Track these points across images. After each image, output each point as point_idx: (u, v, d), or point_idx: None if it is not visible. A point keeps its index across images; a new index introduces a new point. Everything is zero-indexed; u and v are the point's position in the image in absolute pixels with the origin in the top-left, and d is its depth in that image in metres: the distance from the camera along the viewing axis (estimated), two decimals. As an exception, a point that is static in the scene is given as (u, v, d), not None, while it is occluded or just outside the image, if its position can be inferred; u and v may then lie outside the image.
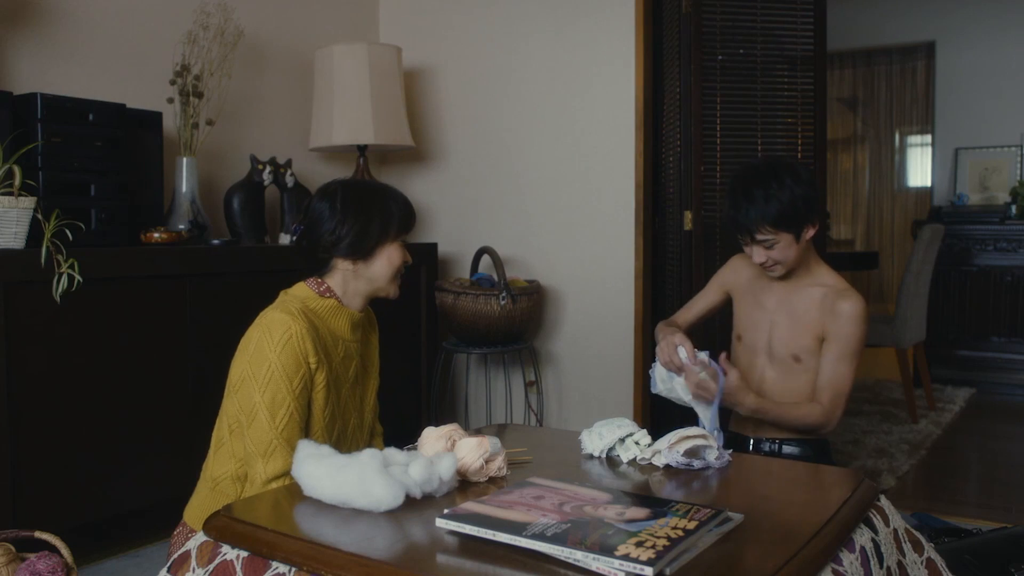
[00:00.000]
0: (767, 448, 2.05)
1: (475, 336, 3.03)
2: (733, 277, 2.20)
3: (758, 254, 1.97)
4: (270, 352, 1.58)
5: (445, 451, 1.37)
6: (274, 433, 1.57)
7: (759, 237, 1.93)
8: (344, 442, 1.77)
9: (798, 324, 2.01)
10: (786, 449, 2.03)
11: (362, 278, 1.75)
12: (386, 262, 1.75)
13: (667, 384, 1.96)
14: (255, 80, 3.22)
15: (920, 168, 6.24)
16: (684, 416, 3.11)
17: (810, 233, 1.95)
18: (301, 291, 1.74)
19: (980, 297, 5.10)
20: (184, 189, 2.70)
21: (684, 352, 1.91)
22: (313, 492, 1.27)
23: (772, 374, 2.05)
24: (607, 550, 0.99)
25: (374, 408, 1.90)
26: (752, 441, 2.08)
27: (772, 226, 1.90)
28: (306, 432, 1.64)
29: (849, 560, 1.16)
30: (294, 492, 1.32)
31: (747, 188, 1.92)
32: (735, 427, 2.16)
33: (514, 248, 3.41)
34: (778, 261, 1.96)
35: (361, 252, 1.72)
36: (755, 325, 2.09)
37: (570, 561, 1.01)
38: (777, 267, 1.99)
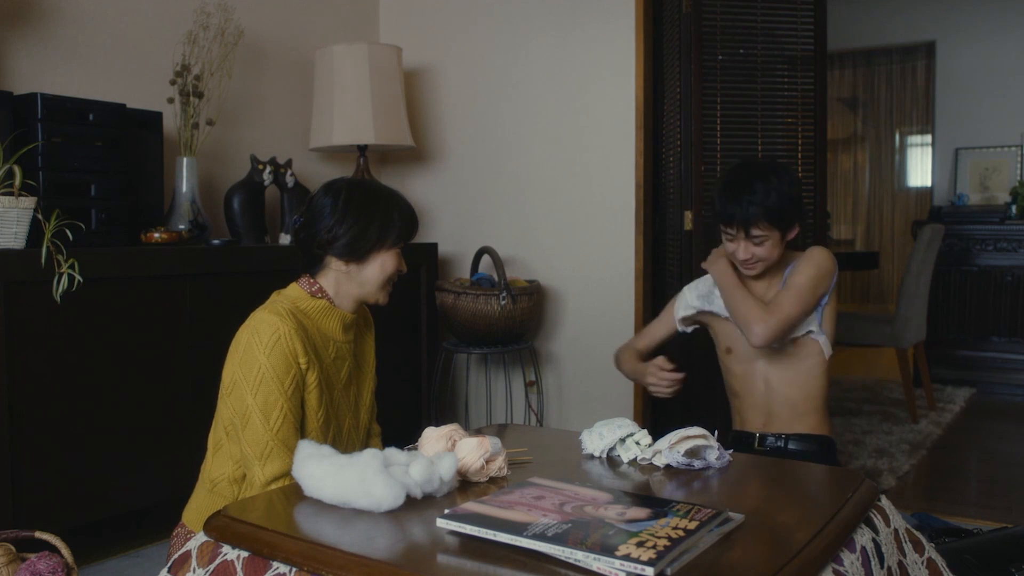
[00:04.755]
0: (772, 443, 2.06)
1: (475, 336, 3.03)
2: (693, 310, 2.20)
3: (744, 250, 1.98)
4: (259, 354, 1.57)
5: (446, 451, 1.37)
6: (269, 435, 1.56)
7: (754, 232, 1.94)
8: (340, 443, 1.75)
9: None
10: (791, 445, 2.04)
11: (353, 281, 1.73)
12: (379, 269, 1.73)
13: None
14: (255, 80, 3.22)
15: (920, 168, 6.24)
16: (684, 416, 3.11)
17: (793, 234, 2.00)
18: (293, 291, 1.73)
19: (980, 297, 5.10)
20: (184, 189, 2.70)
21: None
22: (314, 492, 1.27)
23: (775, 371, 2.06)
24: (608, 550, 0.99)
25: (371, 408, 1.89)
26: (757, 437, 2.08)
27: (768, 221, 1.92)
28: (301, 435, 1.64)
29: (850, 560, 1.16)
30: (294, 492, 1.32)
31: (748, 181, 1.94)
32: (739, 425, 2.16)
33: (514, 248, 3.41)
34: (761, 259, 1.98)
35: (355, 254, 1.70)
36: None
37: (571, 561, 1.00)
38: (758, 264, 2.00)
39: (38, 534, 1.76)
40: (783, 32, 3.07)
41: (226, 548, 1.18)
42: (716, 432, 1.57)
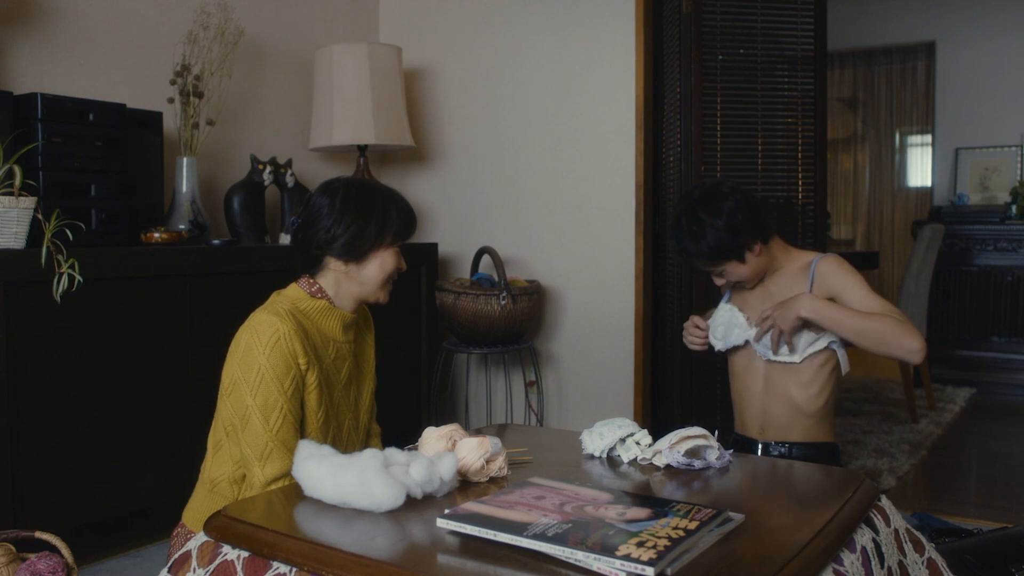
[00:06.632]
0: (776, 453, 2.04)
1: (475, 336, 3.03)
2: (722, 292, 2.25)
3: (716, 280, 2.05)
4: (259, 354, 1.57)
5: (446, 451, 1.37)
6: (269, 436, 1.56)
7: (704, 271, 2.02)
8: (340, 444, 1.75)
9: None
10: (796, 453, 2.03)
11: (353, 281, 1.73)
12: (378, 268, 1.72)
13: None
14: (255, 80, 3.21)
15: (920, 168, 6.23)
16: (684, 416, 3.12)
17: (756, 251, 1.96)
18: (293, 292, 1.73)
19: (980, 297, 5.10)
20: (184, 189, 2.70)
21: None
22: (314, 492, 1.27)
23: (775, 371, 2.05)
24: (608, 550, 0.99)
25: (371, 408, 1.89)
26: (760, 445, 2.06)
27: (710, 260, 1.95)
28: (301, 435, 1.63)
29: (850, 560, 1.16)
30: (295, 492, 1.32)
31: (675, 236, 1.98)
32: (739, 428, 2.15)
33: (514, 248, 3.41)
34: (738, 280, 2.03)
35: (354, 254, 1.70)
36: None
37: (571, 561, 1.00)
38: (744, 283, 2.05)
39: (38, 534, 1.76)
40: (783, 32, 3.07)
41: (226, 548, 1.18)
42: (716, 432, 1.57)
